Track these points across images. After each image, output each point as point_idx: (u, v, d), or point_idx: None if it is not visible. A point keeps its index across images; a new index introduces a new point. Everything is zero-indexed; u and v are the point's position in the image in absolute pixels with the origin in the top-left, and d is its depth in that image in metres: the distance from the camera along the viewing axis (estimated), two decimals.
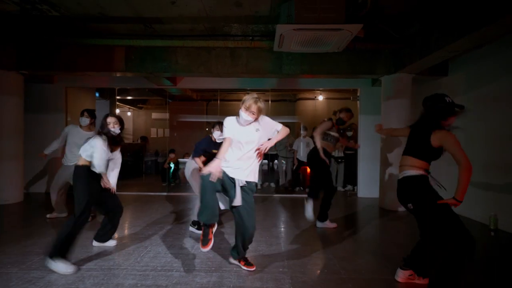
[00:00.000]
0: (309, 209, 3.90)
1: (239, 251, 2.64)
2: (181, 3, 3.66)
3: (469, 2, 3.18)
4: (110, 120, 2.87)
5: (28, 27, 4.48)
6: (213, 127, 3.70)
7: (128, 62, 5.03)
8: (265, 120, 2.55)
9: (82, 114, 4.03)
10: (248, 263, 2.68)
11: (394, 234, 3.91)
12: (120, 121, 2.94)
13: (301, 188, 6.91)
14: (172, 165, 7.59)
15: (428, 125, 2.22)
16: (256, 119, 2.47)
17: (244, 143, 2.45)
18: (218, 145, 3.65)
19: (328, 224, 3.95)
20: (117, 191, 3.11)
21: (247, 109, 2.39)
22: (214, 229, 2.55)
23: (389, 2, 3.57)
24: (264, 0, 3.58)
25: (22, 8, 3.86)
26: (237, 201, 2.42)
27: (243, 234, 2.52)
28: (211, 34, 4.61)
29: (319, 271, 2.66)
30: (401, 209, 4.88)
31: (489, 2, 2.93)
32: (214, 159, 2.39)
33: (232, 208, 2.50)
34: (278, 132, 2.57)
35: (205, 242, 2.46)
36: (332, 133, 3.91)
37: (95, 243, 3.14)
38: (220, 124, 3.84)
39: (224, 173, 2.45)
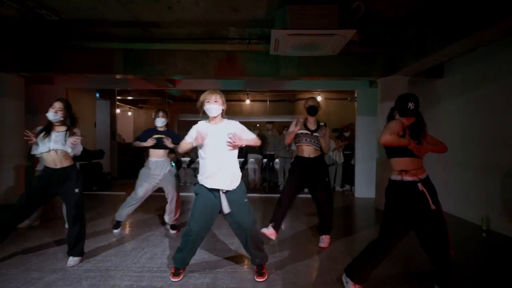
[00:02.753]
0: None
1: (252, 256, 2.57)
2: (177, 8, 3.70)
3: (463, 8, 3.22)
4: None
5: (26, 30, 4.54)
6: (155, 114, 3.77)
7: (127, 64, 5.10)
8: (238, 126, 2.52)
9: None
10: (259, 273, 2.56)
11: None
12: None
13: None
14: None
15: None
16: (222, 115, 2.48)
17: (218, 148, 2.42)
18: (160, 133, 3.77)
19: None
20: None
21: (208, 101, 2.40)
22: None
23: (383, 8, 3.61)
24: (260, 6, 3.62)
25: (22, 13, 3.92)
26: (225, 208, 2.39)
27: (246, 237, 2.46)
28: (208, 37, 4.66)
29: (310, 273, 2.72)
30: None
31: (483, 7, 2.97)
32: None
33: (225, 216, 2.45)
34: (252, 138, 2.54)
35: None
36: (303, 132, 3.61)
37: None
38: (162, 110, 3.83)
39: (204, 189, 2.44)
